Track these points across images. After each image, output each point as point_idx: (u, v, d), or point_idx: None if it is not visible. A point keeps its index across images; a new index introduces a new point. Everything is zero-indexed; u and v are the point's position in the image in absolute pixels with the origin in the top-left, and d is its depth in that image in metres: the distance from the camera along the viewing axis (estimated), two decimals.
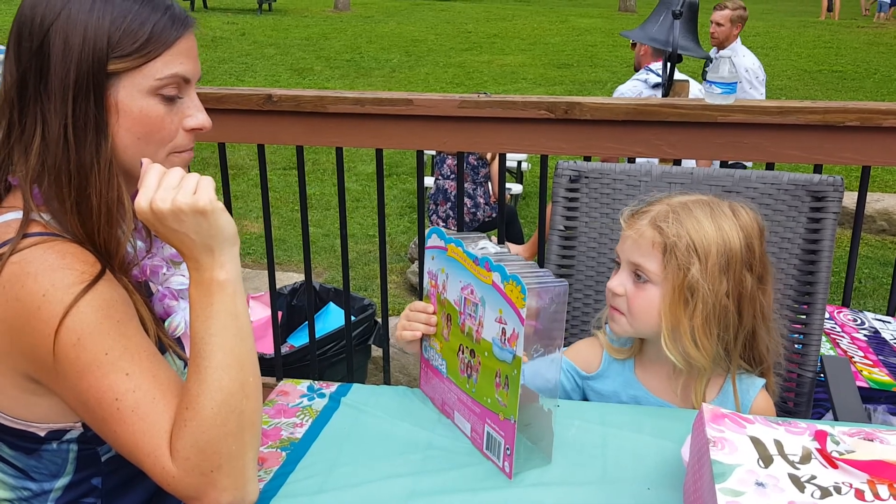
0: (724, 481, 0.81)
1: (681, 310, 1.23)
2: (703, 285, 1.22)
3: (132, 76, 0.96)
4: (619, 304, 1.29)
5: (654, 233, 1.25)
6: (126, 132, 0.98)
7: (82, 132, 0.94)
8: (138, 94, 0.97)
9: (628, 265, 1.28)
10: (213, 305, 0.92)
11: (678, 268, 1.23)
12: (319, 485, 1.05)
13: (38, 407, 0.98)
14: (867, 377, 1.84)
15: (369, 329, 3.14)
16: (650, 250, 1.25)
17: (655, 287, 1.25)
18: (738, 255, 1.24)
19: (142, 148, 0.99)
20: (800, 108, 2.05)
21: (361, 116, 2.19)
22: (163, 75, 0.97)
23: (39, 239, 0.95)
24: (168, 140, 1.01)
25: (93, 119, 0.95)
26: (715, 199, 1.30)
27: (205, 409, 0.90)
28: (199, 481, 0.90)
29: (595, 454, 1.12)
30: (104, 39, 0.94)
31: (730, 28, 4.62)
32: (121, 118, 0.97)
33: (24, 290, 0.91)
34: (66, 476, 1.03)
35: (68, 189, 0.95)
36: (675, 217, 1.25)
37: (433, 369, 1.24)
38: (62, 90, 0.93)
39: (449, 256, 1.16)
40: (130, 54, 0.95)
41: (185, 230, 0.91)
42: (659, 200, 1.31)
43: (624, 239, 1.30)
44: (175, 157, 1.03)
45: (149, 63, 0.96)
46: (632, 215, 1.31)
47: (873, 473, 0.82)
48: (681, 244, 1.22)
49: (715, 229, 1.24)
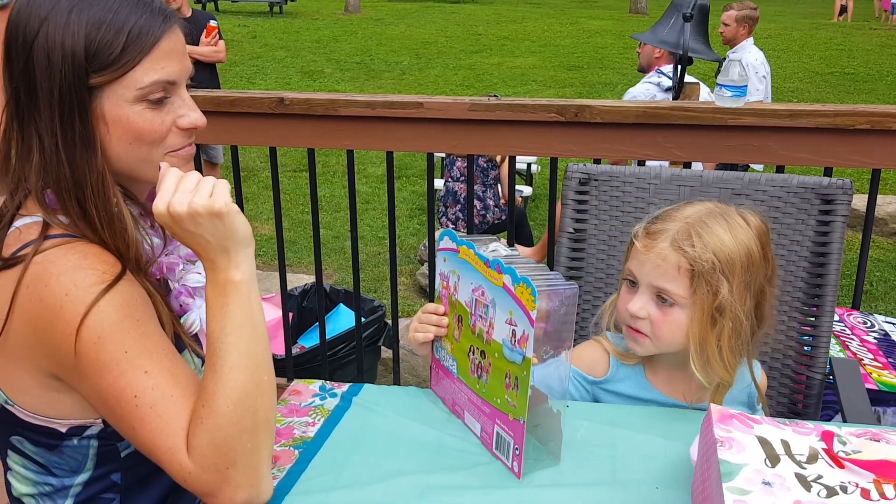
0: (731, 480, 0.82)
1: (709, 330, 1.21)
2: (733, 304, 1.20)
3: (114, 87, 0.96)
4: (642, 326, 1.25)
5: (679, 256, 1.21)
6: (117, 141, 0.98)
7: (72, 147, 0.95)
8: (124, 104, 0.97)
9: (650, 288, 1.24)
10: (229, 305, 0.94)
11: (708, 291, 1.20)
12: (332, 483, 1.07)
13: (60, 404, 1.00)
14: (877, 380, 1.84)
15: (379, 331, 3.15)
16: (676, 275, 1.22)
17: (682, 310, 1.22)
18: (759, 266, 1.23)
19: (135, 153, 0.99)
20: (810, 111, 2.05)
21: (372, 119, 2.21)
22: (144, 84, 0.96)
23: (61, 240, 0.97)
24: (160, 141, 1.01)
25: (80, 133, 0.95)
26: (724, 208, 1.28)
27: (221, 406, 0.91)
28: (215, 478, 0.92)
29: (603, 455, 1.13)
30: (81, 55, 0.93)
31: (736, 28, 4.62)
32: (110, 129, 0.97)
33: (48, 289, 0.93)
34: (87, 472, 1.05)
35: (70, 202, 0.97)
36: (698, 237, 1.21)
37: (444, 370, 1.26)
38: (49, 108, 0.94)
39: (460, 258, 1.17)
40: (108, 67, 0.94)
41: (202, 232, 0.93)
42: (670, 216, 1.27)
43: (642, 261, 1.25)
44: (172, 157, 1.02)
45: (128, 73, 0.95)
46: (646, 234, 1.27)
47: (879, 473, 0.83)
48: (709, 267, 1.19)
49: (735, 244, 1.22)
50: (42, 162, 0.96)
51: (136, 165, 1.01)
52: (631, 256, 1.29)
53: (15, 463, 1.07)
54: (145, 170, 1.01)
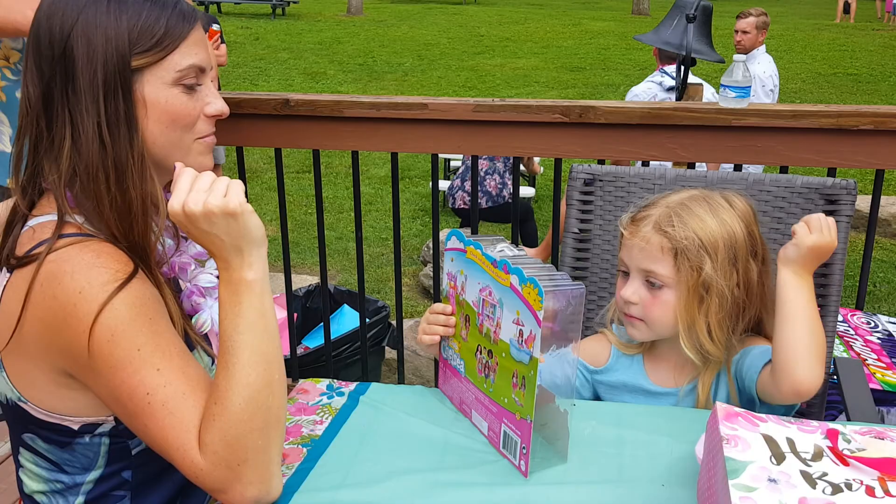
0: (737, 477, 0.83)
1: (695, 308, 1.26)
2: (717, 280, 1.25)
3: (154, 70, 1.01)
4: (636, 311, 1.31)
5: (661, 238, 1.27)
6: (155, 123, 1.02)
7: (115, 128, 0.99)
8: (162, 86, 1.02)
9: (639, 273, 1.30)
10: (242, 304, 0.96)
11: (691, 268, 1.25)
12: (340, 480, 1.08)
13: (73, 401, 1.01)
14: (880, 379, 1.85)
15: (383, 331, 3.17)
16: (660, 255, 1.27)
17: (671, 290, 1.28)
18: (743, 244, 1.27)
19: (170, 136, 1.04)
20: (813, 111, 2.06)
21: (377, 121, 2.21)
22: (182, 66, 1.03)
23: (75, 239, 0.98)
24: (192, 126, 1.06)
25: (124, 114, 0.99)
26: (708, 192, 1.32)
27: (233, 404, 0.93)
28: (226, 474, 0.93)
29: (610, 453, 1.14)
30: (125, 38, 0.99)
31: (756, 35, 4.61)
32: (149, 111, 1.02)
33: (61, 287, 0.94)
34: (98, 469, 1.06)
35: (106, 185, 0.99)
36: (679, 218, 1.27)
37: (451, 369, 1.27)
38: (92, 91, 0.98)
39: (468, 259, 1.18)
40: (151, 49, 1.00)
41: (216, 231, 0.94)
42: (654, 203, 1.32)
43: (629, 247, 1.31)
44: (199, 143, 1.08)
45: (168, 56, 1.02)
46: (631, 222, 1.32)
47: (884, 470, 0.84)
48: (690, 245, 1.25)
49: (718, 223, 1.26)
50: (75, 148, 0.98)
51: (168, 150, 1.05)
52: (621, 246, 1.35)
53: (27, 460, 1.08)
54: (176, 154, 1.06)
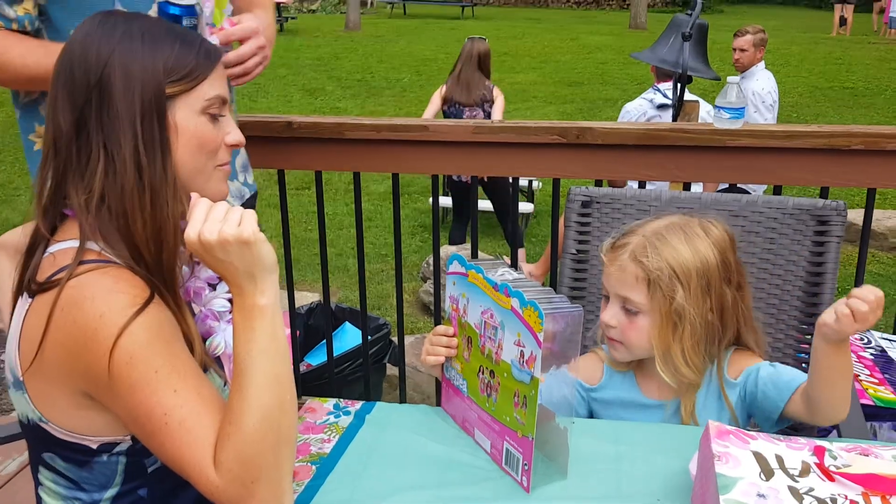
0: (728, 493, 0.87)
1: (670, 334, 1.31)
2: (689, 309, 1.30)
3: (186, 98, 1.08)
4: (615, 334, 1.37)
5: (636, 267, 1.32)
6: (184, 148, 1.08)
7: (151, 151, 1.05)
8: (192, 114, 1.09)
9: (617, 298, 1.36)
10: (255, 329, 1.00)
11: (664, 297, 1.31)
12: (348, 496, 1.12)
13: (91, 421, 1.05)
14: (872, 395, 1.89)
15: (384, 348, 3.20)
16: (635, 284, 1.33)
17: (646, 316, 1.33)
18: (716, 272, 1.32)
19: (196, 162, 1.10)
20: (806, 132, 2.11)
21: (378, 142, 2.26)
22: (209, 96, 1.10)
23: (94, 265, 1.02)
24: (215, 153, 1.13)
25: (159, 138, 1.05)
26: (686, 220, 1.37)
27: (246, 424, 0.97)
28: (241, 492, 0.97)
29: (608, 469, 1.18)
30: (160, 68, 1.05)
31: (753, 52, 4.64)
32: (180, 136, 1.08)
33: (82, 312, 0.99)
34: (115, 487, 1.10)
35: (140, 205, 1.04)
36: (653, 249, 1.32)
37: (454, 388, 1.31)
38: (129, 115, 1.03)
39: (469, 282, 1.23)
40: (183, 78, 1.07)
41: (231, 259, 0.99)
42: (633, 231, 1.38)
43: (608, 274, 1.38)
44: (219, 170, 1.15)
45: (198, 86, 1.09)
46: (611, 249, 1.38)
47: (867, 486, 0.88)
48: (662, 275, 1.30)
49: (691, 252, 1.32)
50: (110, 171, 1.03)
51: (192, 175, 1.10)
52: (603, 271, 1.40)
53: (46, 478, 1.12)
54: (199, 179, 1.11)
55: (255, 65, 1.58)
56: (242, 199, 1.85)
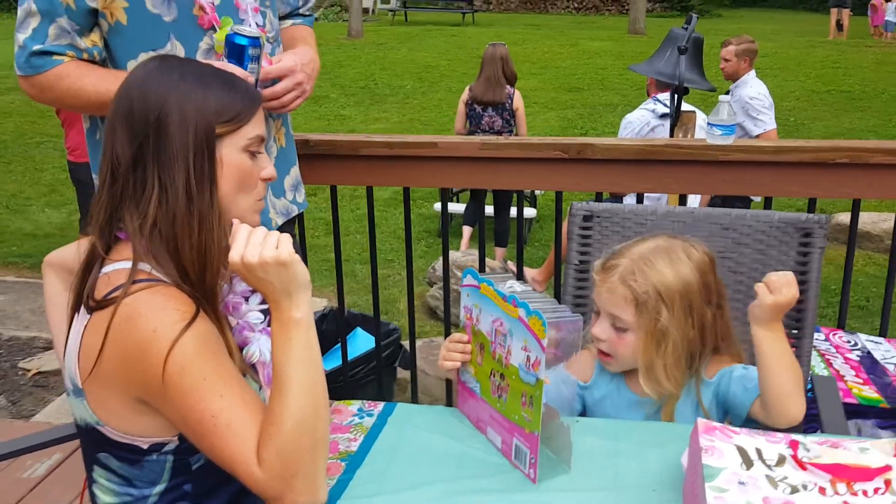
0: (712, 481, 1.00)
1: (654, 351, 1.44)
2: (672, 329, 1.42)
3: (232, 137, 1.21)
4: (605, 347, 1.50)
5: (625, 289, 1.44)
6: (227, 182, 1.21)
7: (201, 183, 1.17)
8: (235, 151, 1.21)
9: (607, 315, 1.48)
10: (292, 340, 1.12)
11: (650, 317, 1.43)
12: (375, 489, 1.25)
13: (143, 424, 1.17)
14: (857, 394, 2.01)
15: (395, 352, 3.33)
16: (624, 304, 1.45)
17: (633, 333, 1.46)
18: (697, 294, 1.45)
19: (235, 195, 1.23)
20: (794, 147, 2.24)
21: (390, 158, 2.39)
22: (251, 136, 1.23)
23: (146, 284, 1.15)
24: (253, 188, 1.26)
25: (207, 172, 1.18)
26: (670, 243, 1.49)
27: (286, 425, 1.09)
28: (281, 485, 1.09)
29: (608, 463, 1.31)
30: (212, 110, 1.18)
31: (737, 62, 4.76)
32: (224, 170, 1.20)
33: (136, 328, 1.11)
34: (163, 483, 1.22)
35: (189, 231, 1.16)
36: (640, 272, 1.44)
37: (468, 391, 1.44)
38: (183, 151, 1.16)
39: (482, 294, 1.35)
40: (231, 120, 1.20)
41: (270, 278, 1.11)
42: (622, 253, 1.49)
43: (599, 292, 1.49)
44: (256, 203, 1.27)
45: (243, 127, 1.22)
46: (602, 269, 1.50)
47: (834, 474, 1.01)
48: (650, 298, 1.42)
49: (675, 276, 1.44)
50: (164, 200, 1.16)
51: (232, 206, 1.23)
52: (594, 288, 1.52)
53: (100, 476, 1.25)
54: (237, 211, 1.23)
55: (291, 99, 1.73)
56: (288, 216, 1.96)
